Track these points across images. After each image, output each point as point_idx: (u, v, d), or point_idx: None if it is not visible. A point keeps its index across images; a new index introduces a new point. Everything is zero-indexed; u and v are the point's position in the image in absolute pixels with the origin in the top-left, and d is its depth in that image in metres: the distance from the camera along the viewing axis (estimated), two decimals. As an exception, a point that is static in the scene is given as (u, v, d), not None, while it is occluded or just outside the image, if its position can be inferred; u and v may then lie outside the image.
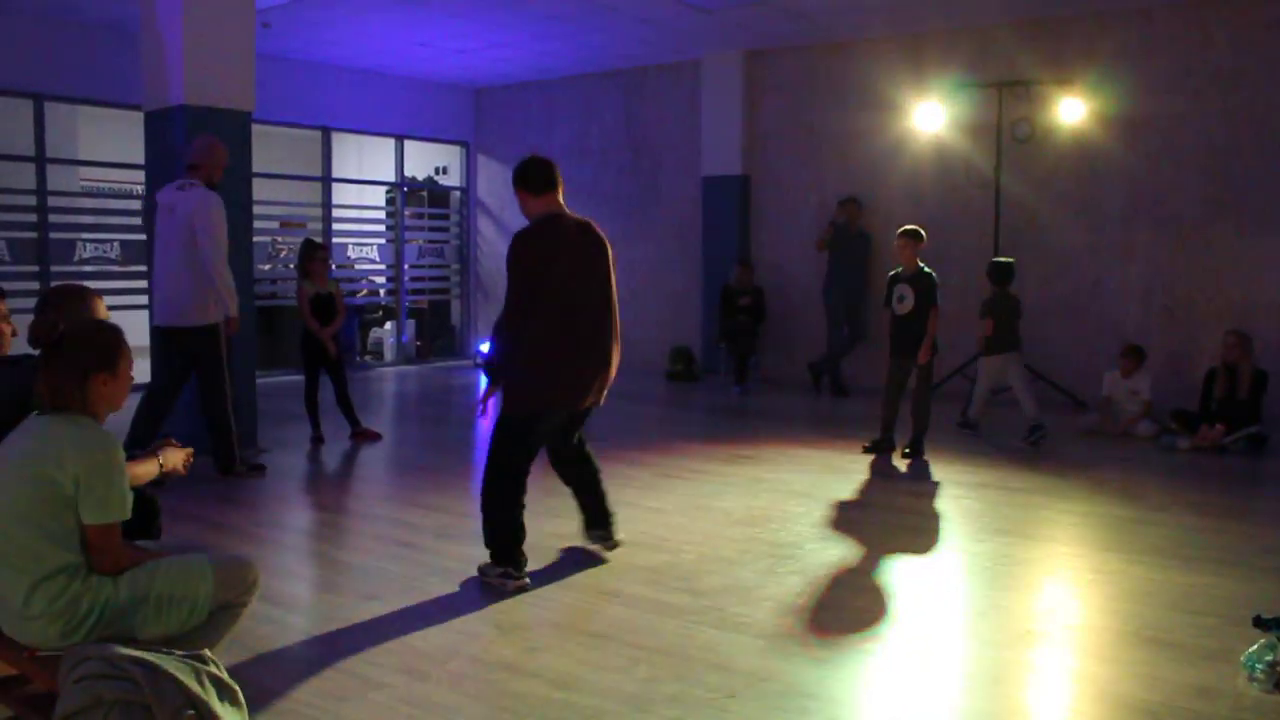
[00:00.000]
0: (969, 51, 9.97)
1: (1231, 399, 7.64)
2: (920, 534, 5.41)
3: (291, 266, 12.03)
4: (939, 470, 6.86)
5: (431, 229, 14.19)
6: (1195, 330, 9.05)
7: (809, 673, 3.51)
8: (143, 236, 9.40)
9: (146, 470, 3.21)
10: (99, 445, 2.76)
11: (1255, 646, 3.47)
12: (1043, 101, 9.48)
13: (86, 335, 2.89)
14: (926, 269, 7.24)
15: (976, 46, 9.93)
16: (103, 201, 11.83)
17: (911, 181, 10.36)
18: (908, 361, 7.22)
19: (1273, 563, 4.82)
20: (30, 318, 3.60)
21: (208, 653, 2.71)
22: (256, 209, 7.99)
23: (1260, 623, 3.73)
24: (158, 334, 6.62)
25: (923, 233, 7.32)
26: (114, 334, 2.92)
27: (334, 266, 10.63)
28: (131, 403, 3.04)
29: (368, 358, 13.51)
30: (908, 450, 7.22)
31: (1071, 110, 9.24)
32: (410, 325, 13.64)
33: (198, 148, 6.37)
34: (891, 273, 7.43)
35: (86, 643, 2.68)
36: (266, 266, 12.47)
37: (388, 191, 13.86)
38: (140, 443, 6.00)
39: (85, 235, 10.72)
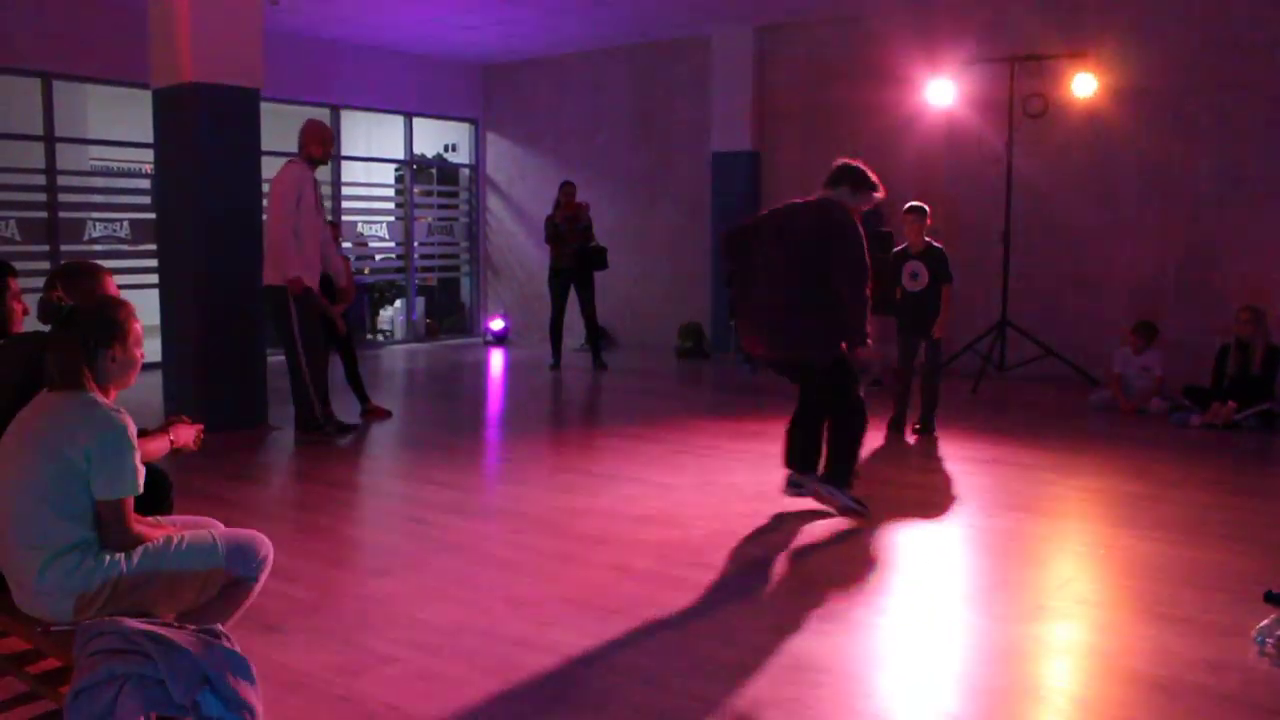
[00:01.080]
0: (981, 26, 9.88)
1: (1244, 375, 7.59)
2: (931, 509, 5.40)
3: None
4: (950, 446, 6.85)
5: (441, 206, 14.18)
6: (1208, 306, 8.99)
7: (819, 646, 3.51)
8: (152, 215, 9.40)
9: (158, 447, 3.22)
10: (110, 422, 2.76)
11: (1266, 621, 3.47)
12: (1055, 76, 9.39)
13: (96, 311, 2.89)
14: (936, 244, 7.20)
15: (989, 20, 9.84)
16: (112, 180, 11.83)
17: (923, 157, 10.29)
18: (918, 338, 7.21)
19: (1285, 538, 4.81)
20: (40, 295, 3.61)
21: (220, 627, 2.72)
22: (265, 187, 7.98)
23: (1271, 598, 3.73)
24: None
25: (927, 208, 7.27)
26: (123, 310, 2.92)
27: (344, 245, 10.63)
28: (145, 380, 3.04)
29: (380, 335, 13.54)
30: (919, 427, 7.21)
31: (1085, 85, 9.16)
32: (420, 303, 13.65)
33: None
34: (898, 249, 7.40)
35: (100, 618, 2.70)
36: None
37: (397, 169, 13.85)
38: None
39: (95, 214, 10.73)
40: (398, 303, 13.65)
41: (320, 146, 6.99)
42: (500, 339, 13.20)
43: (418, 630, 3.67)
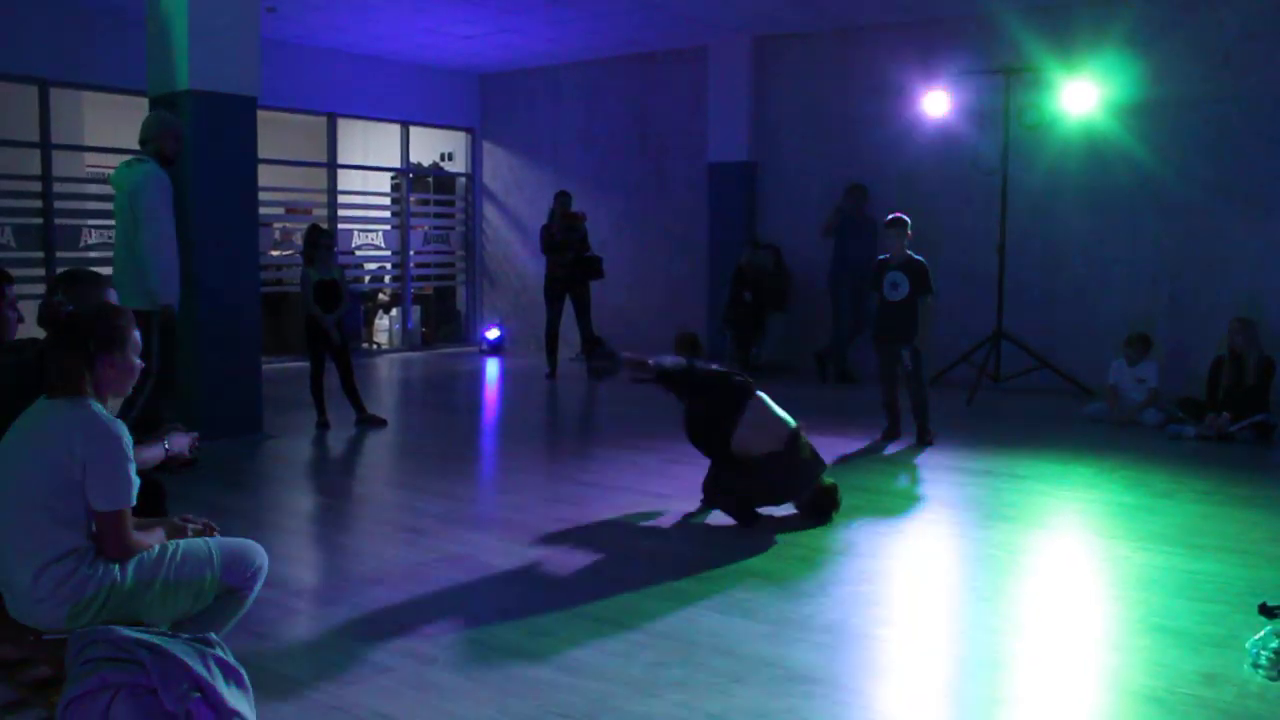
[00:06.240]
0: (977, 37, 9.91)
1: (1238, 387, 7.61)
2: (925, 520, 5.40)
3: (296, 253, 12.04)
4: (945, 457, 6.85)
5: (437, 215, 14.19)
6: (1202, 318, 9.01)
7: (813, 657, 3.51)
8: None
9: (152, 455, 3.22)
10: (106, 431, 2.76)
11: (1261, 633, 3.47)
12: (1050, 88, 9.41)
13: (94, 317, 2.89)
14: (918, 257, 7.23)
15: (984, 32, 9.87)
16: (108, 187, 11.81)
17: (918, 168, 10.32)
18: (897, 347, 7.23)
19: (1279, 550, 4.81)
20: (36, 303, 3.61)
21: (214, 636, 2.71)
22: (262, 195, 8.00)
23: (1266, 610, 3.74)
24: None
25: (908, 219, 7.29)
26: (121, 316, 2.92)
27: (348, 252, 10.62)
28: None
29: (378, 344, 13.53)
30: (919, 440, 7.21)
31: (1079, 96, 9.19)
32: (415, 311, 13.65)
33: (146, 123, 6.23)
34: (880, 258, 7.41)
35: (93, 626, 2.69)
36: (275, 253, 12.48)
37: (393, 177, 13.86)
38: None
39: (91, 221, 10.71)
40: (393, 311, 13.64)
41: (172, 144, 6.16)
42: (496, 348, 13.20)
43: (411, 639, 3.66)
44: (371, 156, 14.14)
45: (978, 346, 9.41)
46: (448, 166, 14.34)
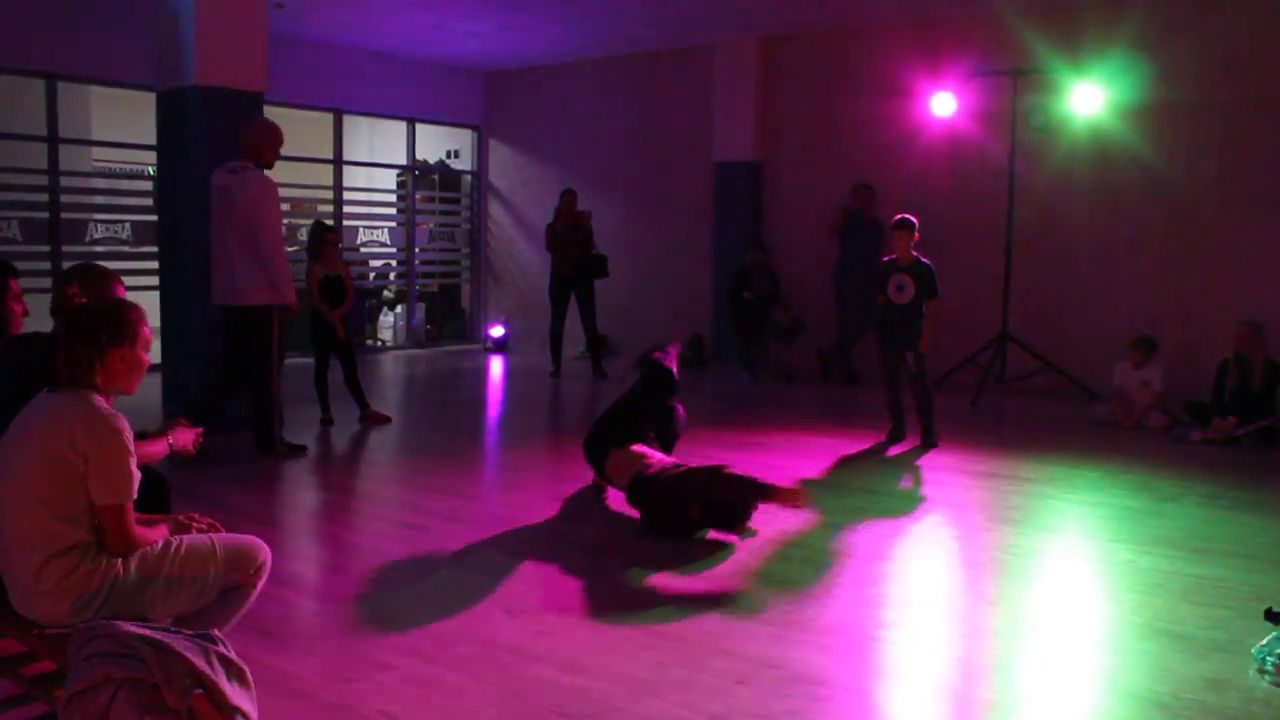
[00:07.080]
0: (984, 39, 9.89)
1: (1244, 391, 7.59)
2: (929, 523, 5.39)
3: (301, 249, 12.02)
4: (949, 459, 6.84)
5: (442, 212, 14.19)
6: (1208, 321, 8.98)
7: (816, 659, 3.50)
8: (154, 217, 9.40)
9: (157, 449, 3.22)
10: (106, 424, 2.75)
11: (1266, 639, 3.46)
12: (1058, 90, 9.39)
13: (110, 310, 2.90)
14: (924, 259, 7.21)
15: (991, 34, 9.84)
16: (114, 182, 11.83)
17: (925, 169, 10.29)
18: (901, 350, 7.21)
19: (1284, 555, 4.80)
20: (42, 298, 3.61)
21: (216, 632, 2.71)
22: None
23: (1272, 615, 3.71)
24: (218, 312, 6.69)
25: (915, 221, 7.26)
26: (136, 313, 2.92)
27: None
28: (145, 381, 3.02)
29: (383, 340, 13.54)
30: (923, 442, 7.19)
31: (1087, 98, 9.16)
32: (420, 308, 13.65)
33: (249, 130, 6.48)
34: (886, 259, 7.39)
35: (96, 621, 2.68)
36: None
37: (399, 174, 13.86)
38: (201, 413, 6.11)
39: (97, 216, 10.73)
40: (398, 308, 13.65)
41: (272, 151, 6.54)
42: (500, 346, 13.20)
43: (414, 637, 3.66)
44: (377, 153, 14.15)
45: (983, 348, 9.39)
46: (453, 164, 14.34)
